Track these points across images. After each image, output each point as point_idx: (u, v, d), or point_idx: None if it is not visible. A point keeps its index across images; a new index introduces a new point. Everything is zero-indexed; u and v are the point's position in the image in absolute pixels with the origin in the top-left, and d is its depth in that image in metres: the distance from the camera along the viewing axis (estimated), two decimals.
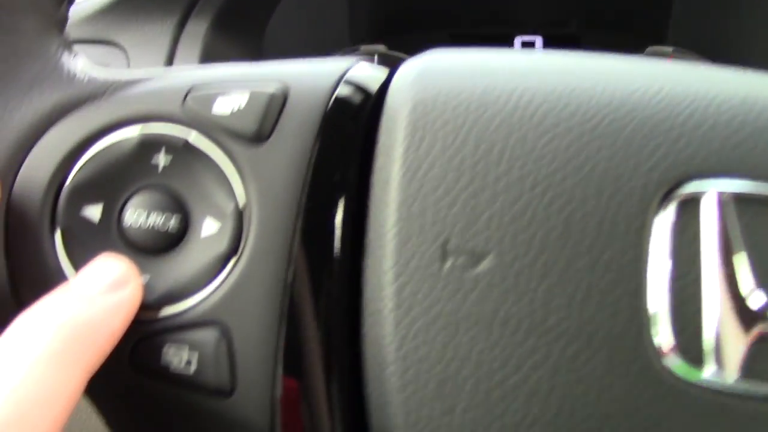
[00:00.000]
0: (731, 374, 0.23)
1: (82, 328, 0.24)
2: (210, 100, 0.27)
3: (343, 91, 0.28)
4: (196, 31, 0.64)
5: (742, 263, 0.24)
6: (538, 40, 0.85)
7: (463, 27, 0.88)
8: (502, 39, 0.83)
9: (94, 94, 0.28)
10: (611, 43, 0.76)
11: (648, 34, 0.83)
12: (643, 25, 0.85)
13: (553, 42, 0.85)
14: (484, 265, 0.25)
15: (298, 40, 0.80)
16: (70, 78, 0.29)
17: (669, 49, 0.75)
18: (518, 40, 0.85)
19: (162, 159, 0.27)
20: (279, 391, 0.26)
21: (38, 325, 0.23)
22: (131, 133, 0.28)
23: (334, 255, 0.26)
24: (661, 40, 0.82)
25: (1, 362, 0.22)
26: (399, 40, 0.83)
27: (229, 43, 0.67)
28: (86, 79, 0.29)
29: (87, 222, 0.27)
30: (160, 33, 0.63)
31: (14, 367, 0.22)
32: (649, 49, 0.75)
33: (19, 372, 0.22)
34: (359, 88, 0.28)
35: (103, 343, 0.24)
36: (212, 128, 0.27)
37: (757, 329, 0.23)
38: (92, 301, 0.25)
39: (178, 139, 0.27)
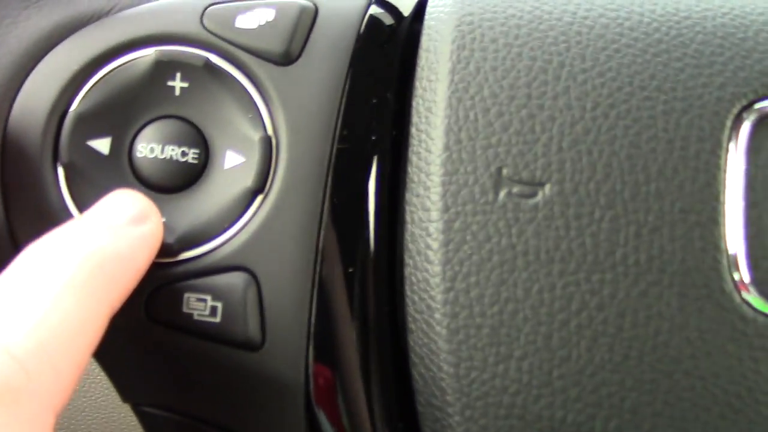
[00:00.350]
0: None
1: (109, 259, 0.21)
2: (231, 17, 0.25)
3: (376, 10, 0.26)
4: None
5: None
6: None
7: None
8: None
9: (100, 12, 0.26)
10: None
11: None
12: None
13: None
14: (542, 194, 0.23)
15: None
16: None
17: None
18: None
19: (178, 84, 0.25)
20: (312, 345, 0.24)
21: (60, 255, 0.21)
22: (142, 55, 0.25)
23: (371, 189, 0.24)
24: None
25: (18, 294, 0.20)
26: None
27: None
28: None
29: (94, 155, 0.25)
30: None
31: (36, 299, 0.20)
32: None
33: (41, 304, 0.20)
34: (392, 8, 0.26)
35: (129, 278, 0.22)
36: (234, 48, 0.25)
37: None
38: (118, 232, 0.22)
39: (198, 57, 0.25)
